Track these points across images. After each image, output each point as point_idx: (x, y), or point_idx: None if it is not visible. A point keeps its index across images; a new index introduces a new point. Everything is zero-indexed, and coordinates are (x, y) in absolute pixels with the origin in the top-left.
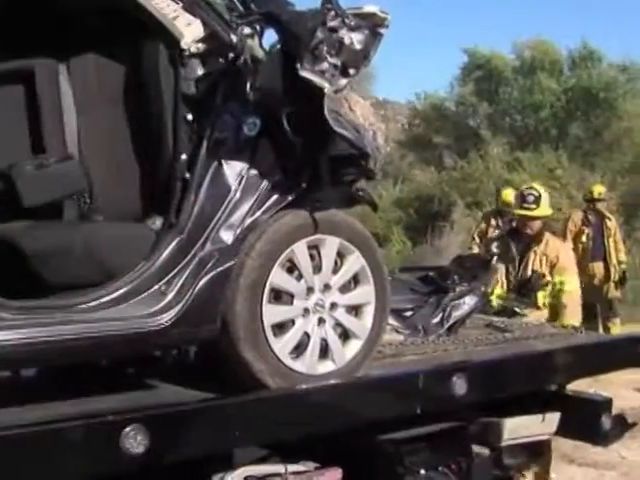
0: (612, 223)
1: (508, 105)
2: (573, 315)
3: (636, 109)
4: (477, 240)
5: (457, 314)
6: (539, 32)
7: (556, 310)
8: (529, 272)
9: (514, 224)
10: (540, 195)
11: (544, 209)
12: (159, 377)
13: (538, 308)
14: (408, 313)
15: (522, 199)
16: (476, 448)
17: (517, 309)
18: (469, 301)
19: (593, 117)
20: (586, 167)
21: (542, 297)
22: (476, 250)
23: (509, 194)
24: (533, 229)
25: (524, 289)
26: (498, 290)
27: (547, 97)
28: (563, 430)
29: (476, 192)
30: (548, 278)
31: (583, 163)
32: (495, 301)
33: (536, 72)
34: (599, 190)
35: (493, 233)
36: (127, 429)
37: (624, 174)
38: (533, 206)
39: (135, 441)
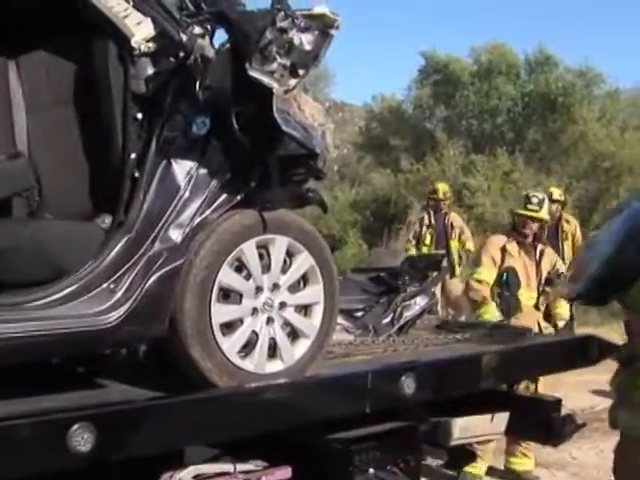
0: (569, 226)
1: (465, 109)
2: None
3: (592, 114)
4: (413, 242)
5: (408, 314)
6: (496, 36)
7: None
8: (544, 271)
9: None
10: (543, 199)
11: (544, 213)
12: (108, 376)
13: None
14: (359, 313)
15: (527, 200)
16: None
17: None
18: (420, 301)
19: (550, 121)
20: (542, 171)
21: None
22: (413, 252)
23: (443, 185)
24: (532, 230)
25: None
26: (526, 291)
27: (504, 102)
28: (513, 430)
29: None
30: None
31: (539, 167)
32: (524, 301)
33: (493, 76)
34: (552, 192)
35: (427, 231)
36: (74, 427)
37: (580, 178)
38: (536, 208)
39: (82, 439)
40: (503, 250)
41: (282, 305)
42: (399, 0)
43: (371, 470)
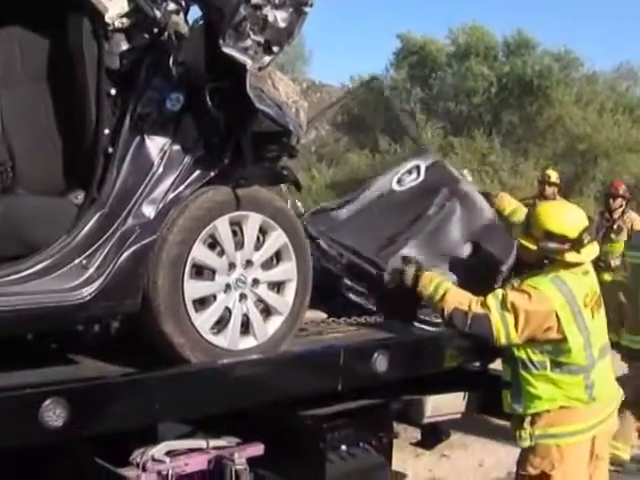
0: None
1: (442, 91)
2: None
3: (569, 97)
4: None
5: None
6: (475, 18)
7: None
8: None
9: None
10: None
11: None
12: (81, 351)
13: None
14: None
15: None
16: None
17: None
18: None
19: (527, 104)
20: (519, 153)
21: None
22: None
23: None
24: None
25: None
26: None
27: (481, 83)
28: (485, 408)
29: None
30: None
31: (516, 149)
32: None
33: (470, 58)
34: (546, 173)
35: None
36: (46, 402)
37: (556, 161)
38: None
39: (54, 414)
40: None
41: (255, 282)
42: None
43: (343, 447)
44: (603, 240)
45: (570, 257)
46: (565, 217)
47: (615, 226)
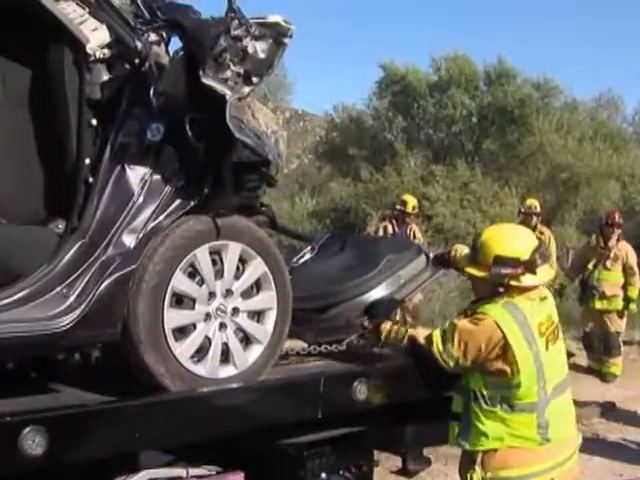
0: (544, 237)
1: (423, 120)
2: None
3: (549, 126)
4: None
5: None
6: (456, 48)
7: None
8: None
9: None
10: None
11: None
12: (61, 380)
13: None
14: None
15: None
16: None
17: None
18: None
19: (508, 133)
20: (501, 182)
21: None
22: None
23: (413, 199)
24: None
25: None
26: None
27: (461, 112)
28: None
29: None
30: None
31: (498, 177)
32: None
33: (452, 87)
34: (530, 204)
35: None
36: (25, 430)
37: (538, 189)
38: None
39: (33, 442)
40: None
41: (235, 311)
42: (362, 9)
43: (323, 475)
44: (596, 267)
45: (527, 280)
46: (514, 239)
47: (612, 254)
